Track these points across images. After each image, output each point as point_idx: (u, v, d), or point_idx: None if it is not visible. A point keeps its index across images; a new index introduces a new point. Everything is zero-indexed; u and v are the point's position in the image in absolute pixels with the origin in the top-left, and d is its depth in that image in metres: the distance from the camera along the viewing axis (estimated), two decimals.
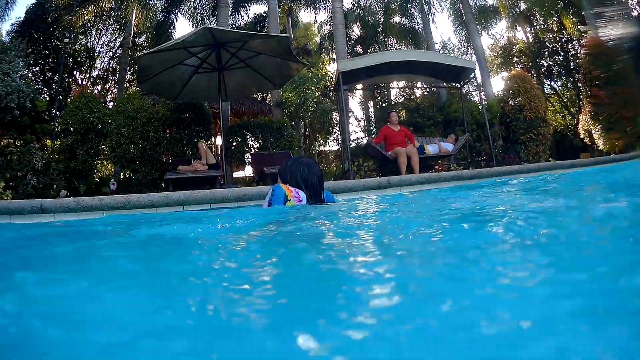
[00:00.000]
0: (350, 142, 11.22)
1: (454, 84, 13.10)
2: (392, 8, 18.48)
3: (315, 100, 12.36)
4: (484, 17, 17.97)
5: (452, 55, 19.24)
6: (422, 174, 8.41)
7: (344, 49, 13.23)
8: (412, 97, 15.92)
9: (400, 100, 16.50)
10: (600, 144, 13.47)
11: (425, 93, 16.74)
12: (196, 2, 14.76)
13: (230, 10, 13.50)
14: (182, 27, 66.44)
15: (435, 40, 16.57)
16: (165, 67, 7.74)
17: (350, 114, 14.08)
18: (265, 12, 16.64)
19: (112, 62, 18.37)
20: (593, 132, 13.98)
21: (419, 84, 16.59)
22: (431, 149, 9.71)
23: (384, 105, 16.94)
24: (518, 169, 7.90)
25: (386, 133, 9.06)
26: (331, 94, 13.51)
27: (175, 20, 16.19)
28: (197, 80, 8.74)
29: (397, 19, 19.51)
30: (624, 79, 13.36)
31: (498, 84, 22.26)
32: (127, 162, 8.77)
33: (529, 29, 21.03)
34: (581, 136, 15.84)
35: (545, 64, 20.59)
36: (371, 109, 20.33)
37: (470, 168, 10.99)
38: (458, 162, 11.59)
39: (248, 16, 17.11)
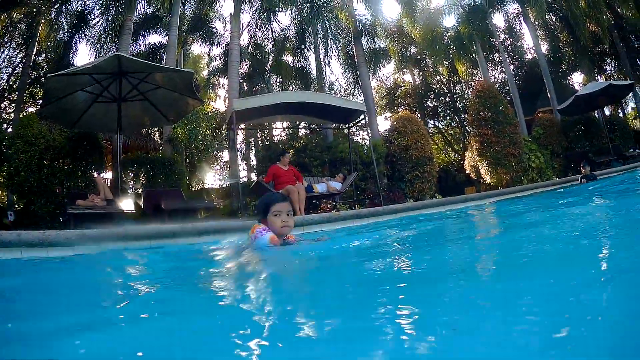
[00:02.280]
0: (239, 180, 12.12)
1: (342, 125, 14.33)
2: (285, 47, 20.03)
3: (206, 137, 13.06)
4: (375, 59, 19.89)
5: (340, 95, 21.89)
6: (323, 213, 9.31)
7: (237, 87, 14.13)
8: (295, 137, 16.47)
9: (283, 139, 17.32)
10: (488, 179, 15.62)
11: (310, 133, 18.23)
12: (101, 28, 15.49)
13: (130, 40, 14.27)
14: (83, 51, 65.09)
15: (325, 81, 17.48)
16: (70, 91, 8.08)
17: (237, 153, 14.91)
18: (160, 43, 17.67)
19: (10, 79, 18.59)
20: (480, 167, 16.01)
21: (302, 124, 17.91)
22: (320, 188, 10.34)
23: (267, 144, 17.66)
24: (422, 205, 9.25)
25: (275, 172, 9.58)
26: (219, 131, 14.35)
27: (78, 42, 17.02)
28: (96, 110, 9.07)
29: (288, 57, 20.98)
30: (510, 119, 15.88)
31: (382, 124, 25.84)
32: (25, 191, 8.87)
33: (417, 71, 22.33)
34: (467, 172, 17.86)
35: (431, 105, 21.90)
36: (252, 148, 21.71)
37: (357, 207, 12.05)
38: (344, 200, 12.39)
39: (146, 45, 18.17)
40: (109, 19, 14.00)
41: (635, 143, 19.13)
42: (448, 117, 25.85)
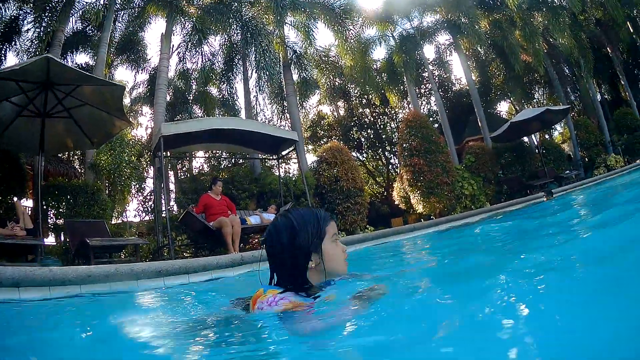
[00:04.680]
0: (163, 213, 12.48)
1: (272, 156, 15.34)
2: (212, 74, 21.51)
3: (130, 165, 13.67)
4: (304, 89, 22.06)
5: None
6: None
7: (163, 111, 15.28)
8: (222, 167, 17.12)
9: (206, 170, 18.04)
10: (420, 208, 17.29)
11: (235, 164, 19.38)
12: (32, 37, 15.64)
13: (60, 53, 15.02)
14: (12, 62, 62.98)
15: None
16: None
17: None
18: (87, 64, 18.75)
19: None
20: (411, 197, 17.70)
21: (226, 154, 19.31)
22: (253, 220, 10.85)
23: (190, 176, 18.24)
24: (363, 238, 10.24)
25: (207, 202, 9.84)
26: (141, 160, 14.16)
27: (7, 51, 17.35)
28: (18, 125, 9.29)
29: (213, 88, 22.83)
30: (442, 147, 17.67)
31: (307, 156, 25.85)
32: None
33: (342, 103, 23.95)
34: (396, 202, 19.78)
35: (355, 137, 23.56)
36: (172, 178, 23.09)
37: None
38: None
39: (73, 64, 18.81)
40: (42, 28, 14.67)
41: (569, 165, 21.12)
42: (371, 150, 27.36)
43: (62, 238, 11.24)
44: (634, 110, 26.12)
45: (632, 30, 28.12)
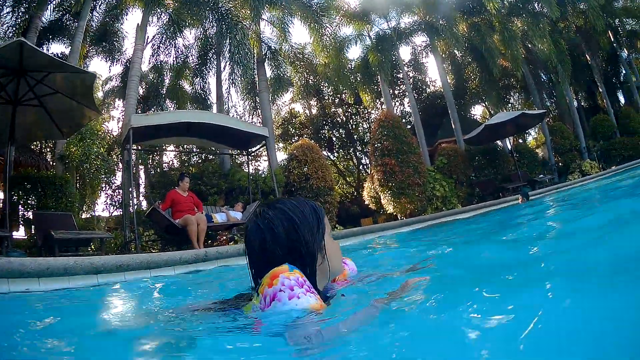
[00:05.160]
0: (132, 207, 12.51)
1: (242, 152, 16.16)
2: (186, 68, 21.83)
3: (99, 157, 13.69)
4: (277, 86, 22.56)
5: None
6: (236, 245, 9.88)
7: (135, 102, 15.48)
8: (192, 163, 17.10)
9: (176, 166, 18.02)
10: (390, 208, 17.52)
11: (205, 160, 19.87)
12: (10, 22, 15.77)
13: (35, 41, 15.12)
14: None
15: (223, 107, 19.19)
16: None
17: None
18: (62, 54, 18.81)
19: None
20: (382, 197, 17.96)
21: (197, 149, 19.37)
22: (219, 217, 10.93)
23: (158, 170, 18.22)
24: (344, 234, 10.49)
25: (174, 198, 9.99)
26: (111, 154, 14.41)
27: None
28: None
29: (186, 83, 23.14)
30: (414, 148, 17.91)
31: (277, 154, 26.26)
32: None
33: (314, 102, 24.21)
34: (366, 202, 20.10)
35: (327, 136, 23.78)
36: (142, 172, 23.24)
37: None
38: (242, 232, 13.42)
39: (49, 51, 18.74)
40: (19, 14, 15.00)
41: (543, 169, 21.51)
42: (342, 150, 27.66)
43: (33, 231, 11.18)
44: (611, 117, 27.16)
45: (612, 39, 28.96)
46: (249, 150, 15.02)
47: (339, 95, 28.86)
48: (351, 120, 30.16)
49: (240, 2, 19.43)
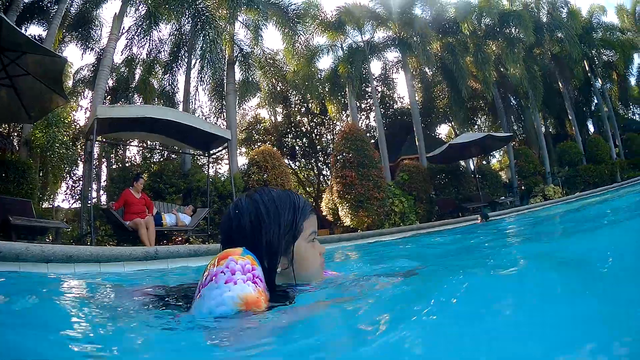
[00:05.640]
0: (90, 201, 12.67)
1: (204, 153, 16.13)
2: (157, 63, 22.17)
3: (63, 145, 13.94)
4: (245, 89, 22.61)
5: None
6: (189, 245, 10.31)
7: (103, 93, 15.58)
8: (153, 160, 17.25)
9: (137, 162, 18.18)
10: (348, 221, 17.87)
11: (166, 159, 20.36)
12: None
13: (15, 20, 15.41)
14: None
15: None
16: None
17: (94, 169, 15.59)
18: (39, 37, 18.63)
19: None
20: (340, 209, 18.32)
21: (160, 146, 19.74)
22: (168, 219, 11.19)
23: (120, 165, 18.38)
24: None
25: (127, 198, 10.25)
26: (76, 144, 14.42)
27: None
28: None
29: (156, 78, 23.26)
30: (376, 162, 18.38)
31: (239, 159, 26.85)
32: None
33: (280, 109, 24.59)
34: (324, 213, 20.36)
35: (290, 144, 24.17)
36: (104, 166, 23.34)
37: (210, 242, 13.05)
38: (197, 234, 13.78)
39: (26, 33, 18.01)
40: None
41: (505, 191, 22.06)
42: (304, 159, 28.12)
43: None
44: (578, 144, 28.32)
45: (587, 69, 29.78)
46: (210, 152, 15.28)
47: (305, 104, 29.57)
48: (315, 130, 30.98)
49: (218, 1, 19.76)
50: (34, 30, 19.48)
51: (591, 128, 37.60)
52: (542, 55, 29.77)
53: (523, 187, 25.09)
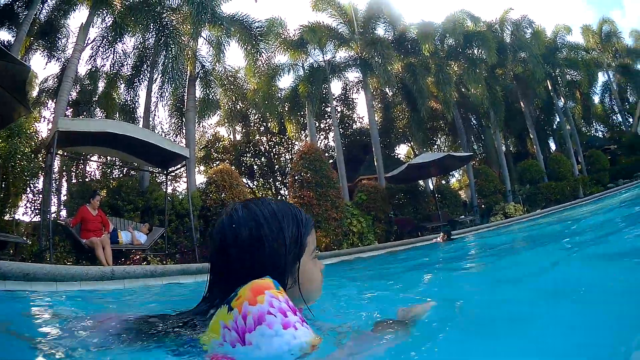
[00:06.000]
0: (49, 216, 12.59)
1: (161, 171, 16.04)
2: (119, 77, 22.10)
3: (25, 157, 13.60)
4: (205, 107, 22.93)
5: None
6: (146, 265, 10.17)
7: (65, 106, 15.81)
8: (112, 177, 17.31)
9: (97, 178, 18.27)
10: None
11: (125, 175, 20.25)
12: None
13: None
14: None
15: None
16: None
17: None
18: (7, 42, 18.83)
19: None
20: None
21: (119, 162, 19.87)
22: (124, 237, 11.34)
23: (80, 180, 18.51)
24: None
25: (84, 216, 10.36)
26: (37, 156, 15.36)
27: None
28: None
29: (118, 91, 23.11)
30: (334, 182, 18.58)
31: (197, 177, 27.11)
32: None
33: (239, 128, 24.82)
34: None
35: (248, 163, 24.40)
36: (64, 181, 23.07)
37: (167, 261, 13.22)
38: (155, 253, 13.40)
39: None
40: None
41: (464, 211, 22.59)
42: (262, 179, 28.44)
43: None
44: (540, 162, 29.39)
45: (550, 88, 30.71)
46: (169, 169, 15.28)
47: (264, 123, 30.12)
48: (274, 150, 31.62)
49: (183, 16, 19.97)
50: (2, 35, 19.26)
51: (553, 146, 39.27)
52: (505, 75, 31.01)
53: (483, 206, 25.84)
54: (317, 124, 29.29)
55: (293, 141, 30.68)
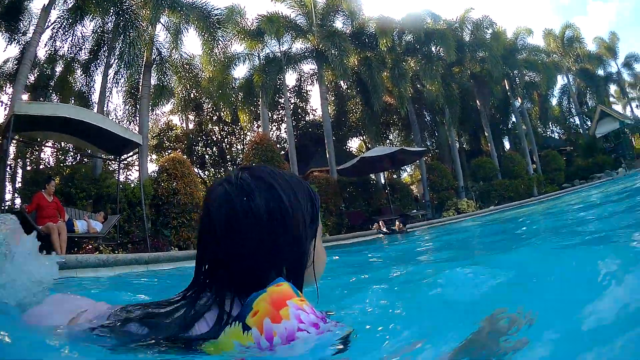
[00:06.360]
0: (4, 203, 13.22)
1: (115, 157, 15.71)
2: (74, 65, 22.08)
3: None
4: (159, 94, 23.00)
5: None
6: (98, 254, 10.01)
7: (22, 89, 15.95)
8: (67, 163, 17.35)
9: (51, 165, 18.32)
10: None
11: (78, 162, 20.26)
12: None
13: None
14: None
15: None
16: None
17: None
18: None
19: None
20: None
21: (72, 148, 19.88)
22: (80, 225, 11.26)
23: (34, 167, 18.52)
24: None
25: (39, 202, 10.32)
26: None
27: None
28: None
29: (74, 76, 22.96)
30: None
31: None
32: None
33: (193, 117, 24.96)
34: None
35: (200, 153, 24.63)
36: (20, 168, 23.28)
37: (119, 251, 13.03)
38: (107, 242, 13.38)
39: None
40: None
41: (416, 205, 23.25)
42: (214, 168, 28.86)
43: None
44: (494, 160, 30.37)
45: (507, 88, 31.66)
46: (122, 157, 15.44)
47: (217, 113, 30.46)
48: (226, 140, 32.20)
49: (143, 1, 19.95)
50: None
51: (507, 145, 40.66)
52: (462, 73, 31.90)
53: (435, 201, 26.69)
54: (270, 115, 29.72)
55: (245, 131, 31.24)
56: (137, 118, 22.02)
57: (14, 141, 14.65)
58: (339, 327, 1.08)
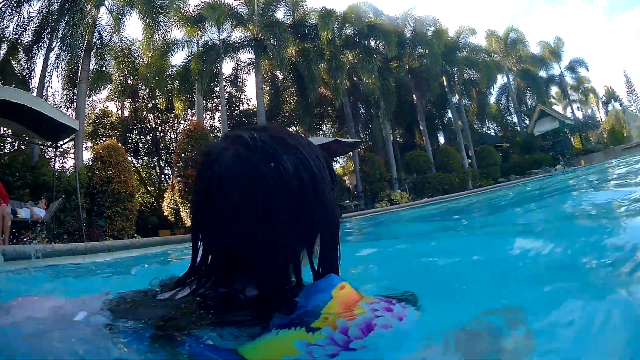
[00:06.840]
0: None
1: (52, 144, 15.96)
2: (17, 46, 21.90)
3: None
4: (98, 80, 24.01)
5: None
6: (35, 245, 9.85)
7: None
8: (5, 150, 19.98)
9: None
10: (190, 222, 17.41)
11: (16, 150, 20.26)
12: None
13: None
14: None
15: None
16: None
17: None
18: None
19: None
20: (181, 210, 19.10)
21: (10, 134, 19.63)
22: (23, 213, 11.59)
23: None
24: (130, 244, 10.57)
25: None
26: None
27: None
28: None
29: (17, 59, 22.96)
30: None
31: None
32: None
33: (129, 103, 25.52)
34: (165, 214, 20.88)
35: (134, 141, 25.16)
36: None
37: (55, 241, 12.90)
38: (47, 233, 13.20)
39: None
40: None
41: (349, 196, 24.50)
42: (147, 157, 32.33)
43: None
44: (428, 154, 32.81)
45: (445, 84, 33.32)
46: (58, 143, 15.72)
47: (153, 100, 30.80)
48: (160, 128, 32.29)
49: None
50: None
51: (442, 140, 42.73)
52: (400, 68, 33.22)
53: (369, 192, 27.88)
54: (205, 104, 30.32)
55: (180, 120, 31.54)
56: (75, 103, 22.30)
57: None
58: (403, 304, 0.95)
